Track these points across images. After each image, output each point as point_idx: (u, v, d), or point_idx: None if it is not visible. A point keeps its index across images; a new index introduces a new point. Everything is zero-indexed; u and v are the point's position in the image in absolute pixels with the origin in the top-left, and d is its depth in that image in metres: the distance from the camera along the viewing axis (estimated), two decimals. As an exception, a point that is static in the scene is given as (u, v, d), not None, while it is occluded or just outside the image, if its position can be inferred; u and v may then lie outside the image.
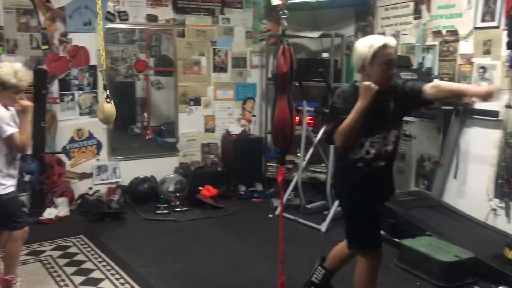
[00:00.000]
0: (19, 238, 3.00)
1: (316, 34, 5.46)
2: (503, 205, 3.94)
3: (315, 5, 5.51)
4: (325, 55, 5.58)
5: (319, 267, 3.04)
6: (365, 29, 5.44)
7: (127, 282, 3.32)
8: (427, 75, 4.41)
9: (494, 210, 4.00)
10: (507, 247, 3.40)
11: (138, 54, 7.36)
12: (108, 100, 3.29)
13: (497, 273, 3.28)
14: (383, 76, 2.47)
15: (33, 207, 4.58)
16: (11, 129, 2.79)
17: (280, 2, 5.63)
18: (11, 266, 3.04)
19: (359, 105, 2.43)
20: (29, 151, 4.62)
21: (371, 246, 2.65)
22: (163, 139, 6.04)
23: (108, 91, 3.34)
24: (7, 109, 2.86)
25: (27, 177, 4.68)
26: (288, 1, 5.60)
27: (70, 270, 3.51)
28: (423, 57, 4.67)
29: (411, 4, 4.79)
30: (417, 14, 4.74)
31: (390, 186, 2.76)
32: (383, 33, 5.14)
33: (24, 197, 4.78)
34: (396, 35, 5.00)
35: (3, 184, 2.88)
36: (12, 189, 2.93)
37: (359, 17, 5.52)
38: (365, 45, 2.49)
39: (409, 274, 3.47)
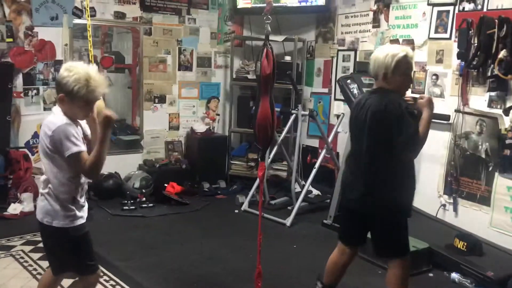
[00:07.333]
0: (92, 283, 2.49)
1: (280, 38, 5.69)
2: (451, 201, 4.33)
3: (279, 10, 5.72)
4: (287, 58, 5.82)
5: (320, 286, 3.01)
6: (326, 35, 5.74)
7: (105, 274, 3.37)
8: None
9: (443, 205, 4.40)
10: (457, 238, 3.77)
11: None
12: None
13: (449, 261, 3.63)
14: (404, 85, 2.69)
15: (-4, 203, 4.51)
16: (76, 148, 2.17)
17: (247, 5, 5.87)
18: None
19: (427, 115, 2.66)
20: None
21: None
22: (117, 137, 5.77)
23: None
24: (75, 123, 2.26)
25: (-9, 172, 4.61)
26: (253, 6, 5.82)
27: (45, 264, 3.48)
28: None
29: (370, 14, 5.12)
30: (375, 23, 5.07)
31: None
32: (343, 40, 5.47)
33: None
34: (355, 42, 5.33)
35: (71, 216, 2.31)
36: (82, 221, 2.37)
37: (320, 24, 5.81)
38: (387, 55, 2.59)
39: (371, 264, 3.74)
